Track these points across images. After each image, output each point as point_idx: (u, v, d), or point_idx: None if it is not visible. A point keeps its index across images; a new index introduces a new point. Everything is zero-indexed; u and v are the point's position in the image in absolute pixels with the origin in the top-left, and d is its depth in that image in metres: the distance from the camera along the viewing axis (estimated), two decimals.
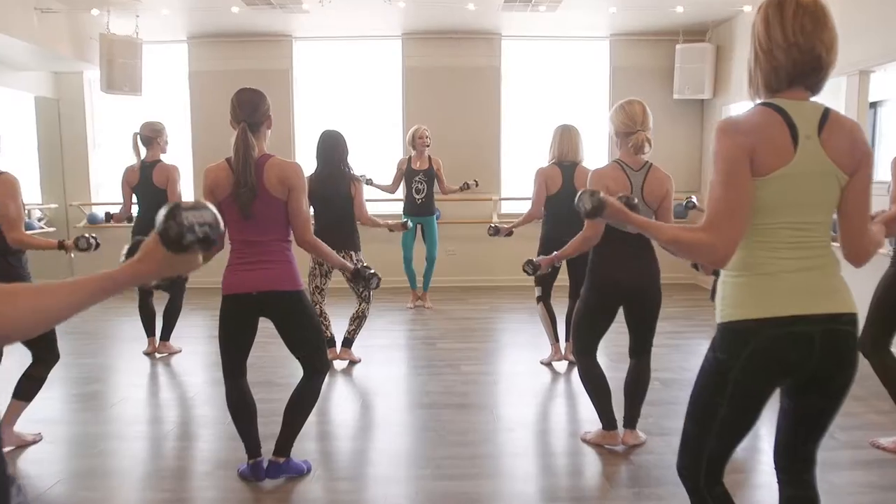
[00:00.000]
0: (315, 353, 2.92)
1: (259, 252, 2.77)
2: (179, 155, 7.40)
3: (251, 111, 2.72)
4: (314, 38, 7.83)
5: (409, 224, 5.23)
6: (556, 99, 7.96)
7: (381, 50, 7.88)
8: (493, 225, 4.86)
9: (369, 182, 6.28)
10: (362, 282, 3.15)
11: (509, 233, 4.75)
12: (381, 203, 7.00)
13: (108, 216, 5.16)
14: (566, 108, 7.91)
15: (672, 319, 5.73)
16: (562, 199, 4.37)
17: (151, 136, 4.80)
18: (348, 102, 7.95)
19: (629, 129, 3.08)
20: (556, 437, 3.54)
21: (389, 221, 4.95)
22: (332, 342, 4.75)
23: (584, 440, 3.35)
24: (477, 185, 6.41)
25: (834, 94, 5.36)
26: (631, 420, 3.29)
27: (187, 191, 6.44)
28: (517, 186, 7.57)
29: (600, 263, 3.17)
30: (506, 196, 7.88)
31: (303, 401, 2.93)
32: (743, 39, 6.91)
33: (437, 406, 3.88)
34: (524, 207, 4.79)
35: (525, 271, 3.45)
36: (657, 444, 3.28)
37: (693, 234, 1.64)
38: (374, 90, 8.00)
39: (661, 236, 1.72)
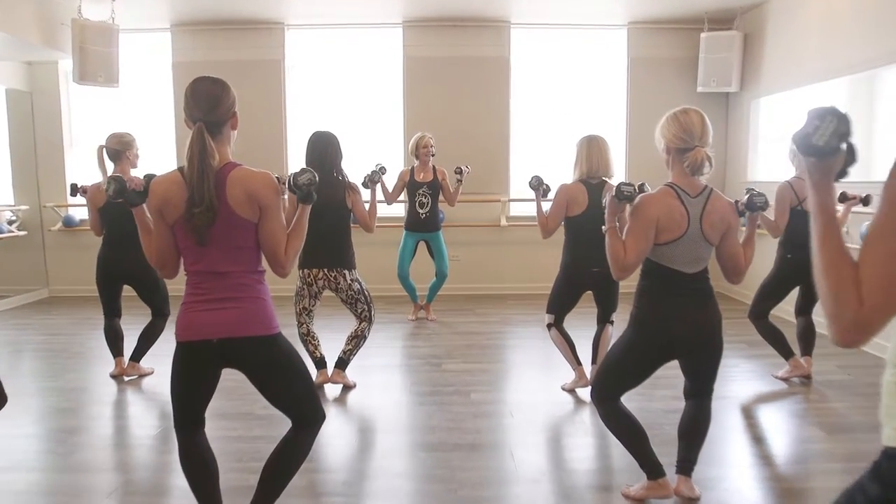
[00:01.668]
0: (304, 403, 2.33)
1: (222, 287, 2.14)
2: (163, 153, 6.86)
3: (210, 107, 2.09)
4: (308, 26, 7.25)
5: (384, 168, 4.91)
6: (569, 92, 7.44)
7: (381, 38, 7.31)
8: (538, 176, 4.31)
9: (382, 171, 5.04)
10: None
11: (547, 191, 4.28)
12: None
13: (75, 189, 4.39)
14: (580, 103, 7.41)
15: None
16: (583, 223, 3.83)
17: (120, 149, 4.18)
18: (345, 95, 7.42)
19: (685, 144, 2.48)
20: (587, 492, 2.95)
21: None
22: (322, 363, 4.20)
23: (627, 496, 2.78)
24: (468, 170, 5.77)
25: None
26: (686, 465, 2.73)
27: None
28: (526, 187, 6.98)
29: (651, 311, 2.60)
30: (515, 197, 7.31)
31: (288, 458, 2.34)
32: (774, 27, 6.33)
33: (444, 447, 3.31)
34: (534, 209, 4.23)
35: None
36: (710, 502, 2.72)
37: (849, 279, 1.08)
38: (372, 82, 7.45)
39: (827, 245, 1.13)
